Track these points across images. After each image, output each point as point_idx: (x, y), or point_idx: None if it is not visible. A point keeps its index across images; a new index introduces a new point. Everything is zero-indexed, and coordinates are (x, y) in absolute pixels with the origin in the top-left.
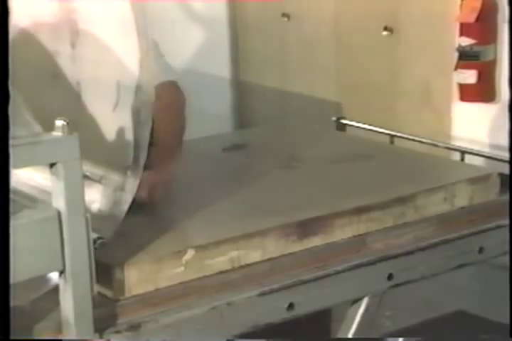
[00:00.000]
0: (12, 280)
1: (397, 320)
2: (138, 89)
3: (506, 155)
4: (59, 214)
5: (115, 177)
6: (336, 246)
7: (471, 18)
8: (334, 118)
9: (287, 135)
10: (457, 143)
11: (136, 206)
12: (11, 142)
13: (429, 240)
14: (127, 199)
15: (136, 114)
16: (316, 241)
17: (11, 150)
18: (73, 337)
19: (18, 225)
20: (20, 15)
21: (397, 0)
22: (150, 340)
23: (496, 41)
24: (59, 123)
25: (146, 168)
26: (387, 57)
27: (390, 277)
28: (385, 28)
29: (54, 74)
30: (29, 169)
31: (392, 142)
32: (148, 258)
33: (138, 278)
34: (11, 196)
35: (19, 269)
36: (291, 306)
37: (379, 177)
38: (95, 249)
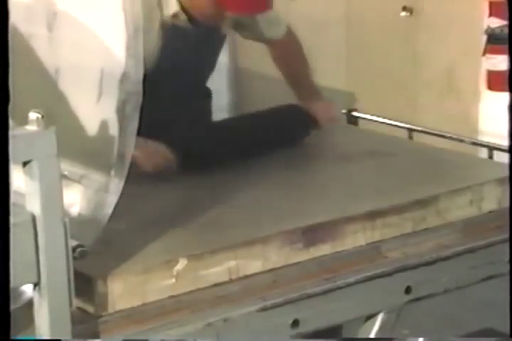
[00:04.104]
0: None
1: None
2: (124, 77)
3: None
4: (33, 218)
5: (97, 177)
6: (346, 255)
7: None
8: (345, 111)
9: None
10: (485, 139)
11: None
12: None
13: (453, 248)
14: (111, 201)
15: (121, 106)
16: (324, 249)
17: None
18: None
19: None
20: None
21: None
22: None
23: None
24: (33, 116)
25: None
26: (406, 41)
27: (408, 290)
28: (404, 8)
29: (28, 60)
30: None
31: (410, 137)
32: (134, 268)
33: (123, 291)
34: None
35: None
36: (295, 323)
37: (396, 177)
38: (74, 258)
